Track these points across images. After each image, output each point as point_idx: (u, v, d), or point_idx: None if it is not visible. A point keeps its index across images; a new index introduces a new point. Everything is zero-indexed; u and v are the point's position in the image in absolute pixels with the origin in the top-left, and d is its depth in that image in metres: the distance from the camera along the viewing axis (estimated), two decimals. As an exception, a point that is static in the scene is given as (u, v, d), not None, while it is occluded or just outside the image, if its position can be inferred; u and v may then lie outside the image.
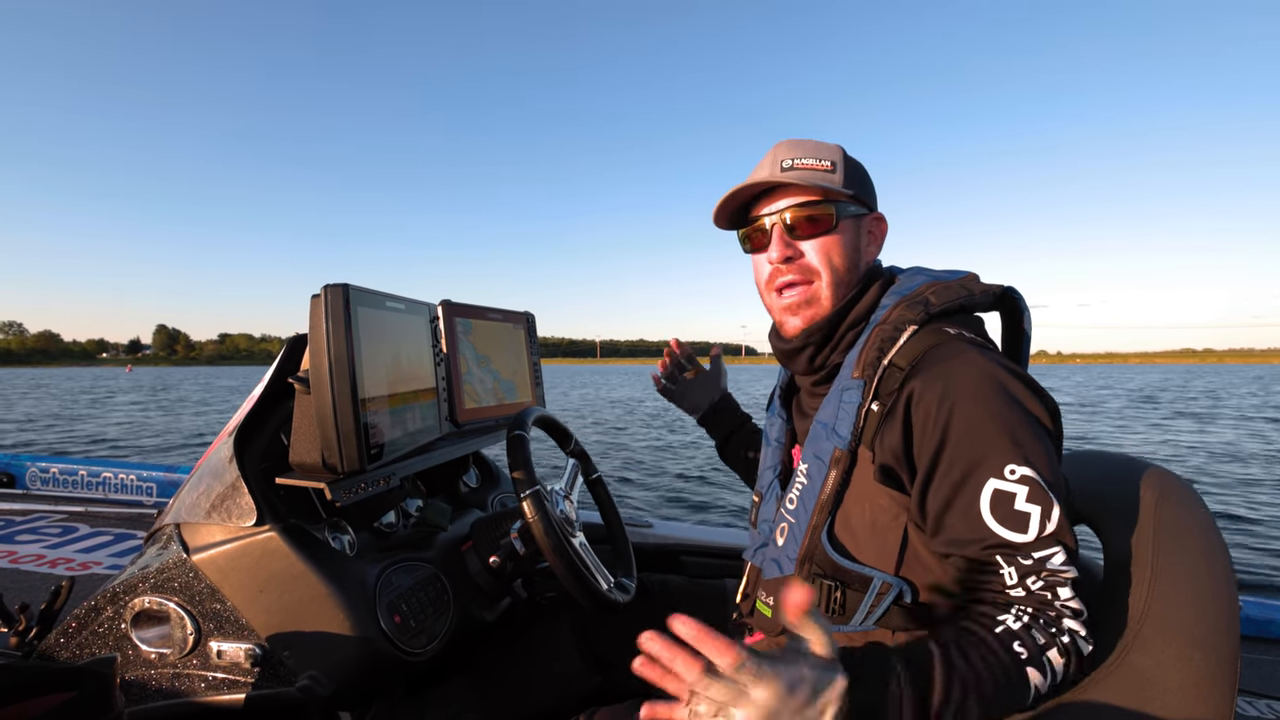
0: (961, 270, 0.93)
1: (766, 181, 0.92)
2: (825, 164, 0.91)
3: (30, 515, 2.01)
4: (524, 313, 1.66)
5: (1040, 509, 0.72)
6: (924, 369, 0.81)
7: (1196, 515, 0.80)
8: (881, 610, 0.84)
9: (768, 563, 0.95)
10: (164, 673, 1.03)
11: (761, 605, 0.96)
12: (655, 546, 1.88)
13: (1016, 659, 0.69)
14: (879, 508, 0.84)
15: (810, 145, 0.93)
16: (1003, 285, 0.93)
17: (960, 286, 0.89)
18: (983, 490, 0.74)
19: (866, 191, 0.96)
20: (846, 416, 0.86)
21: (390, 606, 1.04)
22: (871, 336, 0.87)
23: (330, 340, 0.93)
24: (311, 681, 0.96)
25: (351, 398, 0.93)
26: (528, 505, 1.06)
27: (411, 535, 1.28)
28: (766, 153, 0.95)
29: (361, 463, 0.95)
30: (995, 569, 0.75)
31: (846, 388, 0.87)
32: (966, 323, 0.88)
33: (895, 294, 0.91)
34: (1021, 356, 0.95)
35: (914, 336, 0.84)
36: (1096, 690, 0.74)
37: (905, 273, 0.97)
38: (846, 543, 0.86)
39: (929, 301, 0.87)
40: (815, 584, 0.87)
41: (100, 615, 1.05)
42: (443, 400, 1.29)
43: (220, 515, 1.02)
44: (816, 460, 0.89)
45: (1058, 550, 0.72)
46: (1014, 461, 0.73)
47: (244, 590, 1.00)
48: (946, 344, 0.82)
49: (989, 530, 0.74)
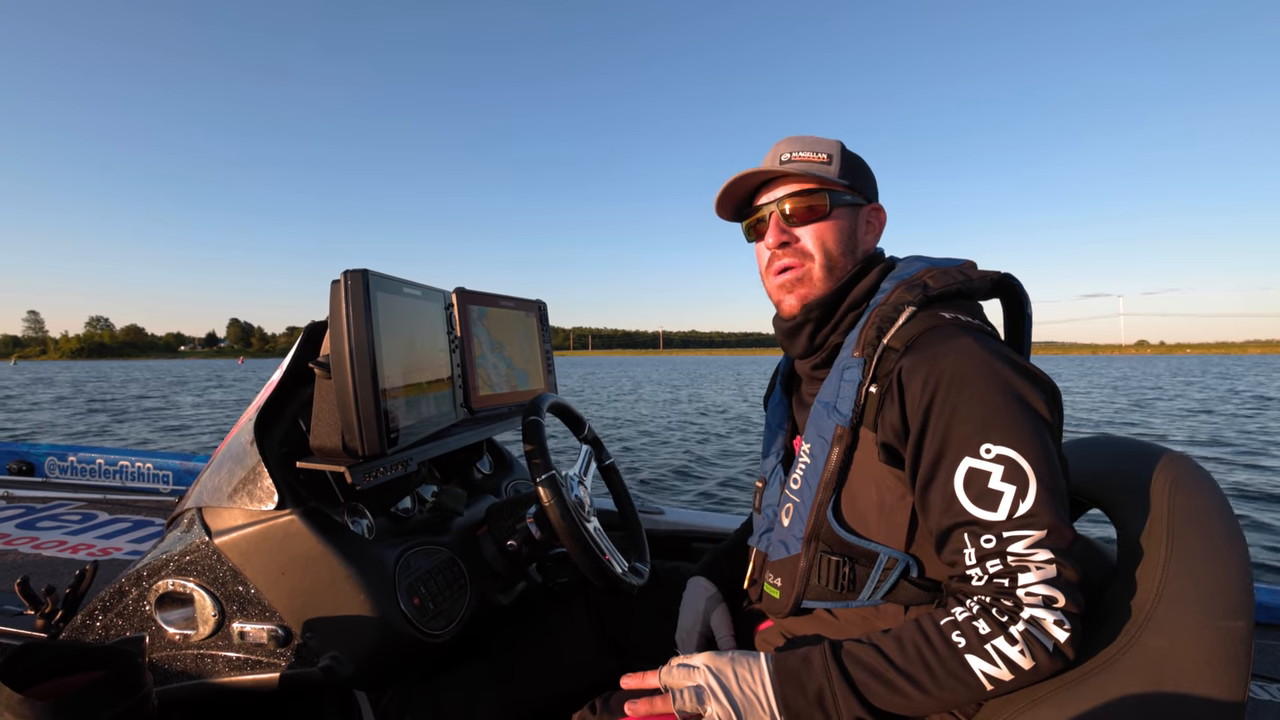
0: (960, 258, 0.96)
1: (764, 171, 0.96)
2: (821, 156, 0.97)
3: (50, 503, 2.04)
4: (536, 300, 1.67)
5: (1015, 489, 0.73)
6: (916, 351, 0.83)
7: (1212, 499, 0.80)
8: (889, 585, 0.86)
9: (774, 545, 0.97)
10: (188, 653, 1.05)
11: (769, 588, 0.97)
12: (667, 533, 1.89)
13: (953, 648, 0.73)
14: (886, 487, 0.86)
15: (810, 140, 0.99)
16: (1000, 271, 0.95)
17: (958, 272, 0.91)
18: (958, 467, 0.77)
19: (864, 182, 1.00)
20: (847, 395, 0.88)
21: (409, 589, 1.06)
22: (871, 317, 0.89)
23: (351, 325, 0.94)
24: (333, 662, 0.97)
25: (372, 382, 0.94)
26: (544, 490, 1.07)
27: (428, 520, 1.29)
28: (770, 148, 1.00)
29: (382, 446, 0.96)
30: (960, 547, 0.77)
31: (847, 366, 0.89)
32: (964, 308, 0.90)
33: (895, 278, 0.93)
34: (1024, 341, 0.97)
35: (911, 319, 0.86)
36: (1109, 671, 0.74)
37: (905, 260, 0.99)
38: (854, 521, 0.88)
39: (927, 285, 0.89)
40: (824, 561, 0.89)
41: (125, 597, 1.07)
42: (458, 387, 1.30)
43: (242, 499, 1.04)
44: (819, 439, 0.90)
45: (1030, 534, 0.72)
46: (990, 440, 0.75)
47: (266, 573, 1.02)
48: (940, 327, 0.84)
49: (961, 506, 0.76)
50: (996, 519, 0.74)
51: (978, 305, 0.94)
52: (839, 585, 0.88)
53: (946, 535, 0.78)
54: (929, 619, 0.77)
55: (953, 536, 0.78)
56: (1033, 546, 0.72)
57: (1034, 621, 0.71)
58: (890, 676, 0.75)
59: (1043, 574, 0.72)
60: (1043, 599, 0.71)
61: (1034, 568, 0.72)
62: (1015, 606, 0.72)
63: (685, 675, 0.83)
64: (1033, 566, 0.72)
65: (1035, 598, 0.72)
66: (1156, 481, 0.83)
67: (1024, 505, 0.73)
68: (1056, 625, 0.71)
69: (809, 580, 0.90)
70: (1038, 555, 0.72)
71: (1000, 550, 0.73)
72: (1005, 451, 0.74)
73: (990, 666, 0.71)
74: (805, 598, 0.91)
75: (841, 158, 0.97)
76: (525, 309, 1.61)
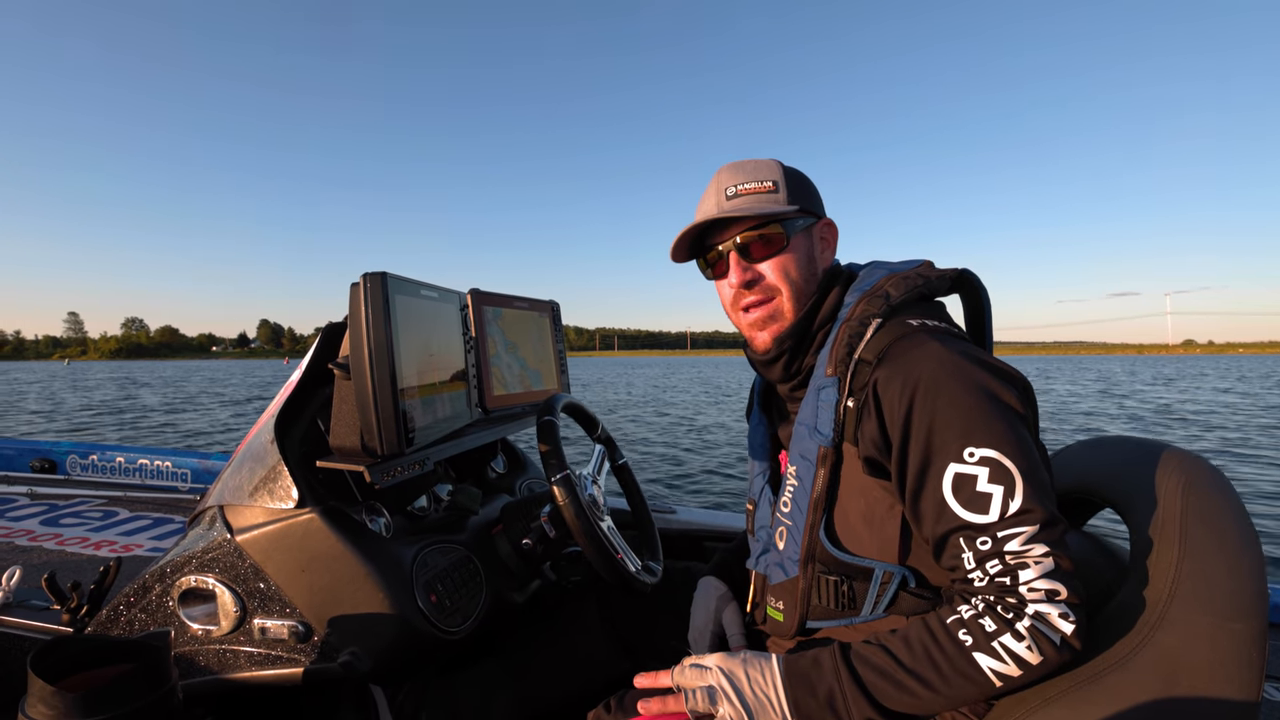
0: (916, 259, 0.96)
1: (714, 217, 0.94)
2: (767, 184, 0.94)
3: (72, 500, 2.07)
4: (549, 301, 1.68)
5: (1003, 489, 0.74)
6: (888, 362, 0.83)
7: (1226, 500, 0.80)
8: (888, 599, 0.87)
9: (772, 568, 0.97)
10: (210, 648, 1.07)
11: (772, 611, 0.98)
12: (679, 532, 1.90)
13: (960, 646, 0.73)
14: (873, 499, 0.87)
15: (749, 167, 0.96)
16: (958, 268, 0.96)
17: (917, 275, 0.92)
18: (944, 475, 0.77)
19: (811, 201, 0.98)
20: (826, 414, 0.88)
21: (426, 586, 1.07)
22: (840, 334, 0.90)
23: (370, 326, 0.95)
24: (352, 658, 0.99)
25: (391, 382, 0.96)
26: (559, 489, 1.08)
27: (444, 519, 1.31)
28: (710, 181, 0.98)
29: (400, 446, 0.97)
30: (958, 553, 0.77)
31: (822, 386, 0.90)
32: (927, 311, 0.90)
33: (857, 290, 0.94)
34: (985, 333, 0.98)
35: (879, 330, 0.87)
36: (1122, 670, 0.74)
37: (864, 268, 0.99)
38: (846, 537, 0.89)
39: (889, 294, 0.89)
40: (822, 581, 0.90)
41: (149, 593, 1.10)
42: (473, 387, 1.31)
43: (262, 497, 1.06)
44: (803, 460, 0.91)
45: (1023, 530, 0.73)
46: (972, 444, 0.76)
47: (286, 570, 1.03)
48: (908, 336, 0.85)
49: (953, 513, 0.77)
50: (989, 521, 0.74)
51: (940, 305, 0.95)
52: (839, 604, 0.89)
53: (943, 542, 0.79)
54: (936, 618, 0.77)
55: (949, 543, 0.78)
56: (1028, 542, 0.73)
57: (1039, 617, 0.72)
58: (899, 677, 0.75)
59: (1042, 568, 0.72)
60: (1045, 593, 0.72)
61: (1033, 563, 0.73)
62: (1020, 603, 0.73)
63: (698, 676, 0.84)
64: (1031, 561, 0.73)
65: (1038, 593, 0.72)
66: (1170, 481, 0.83)
67: (1014, 503, 0.74)
68: (1062, 618, 0.71)
69: (810, 601, 0.91)
70: (1034, 550, 0.73)
71: (998, 550, 0.74)
72: (988, 453, 0.75)
73: (998, 663, 0.72)
74: (809, 618, 0.92)
75: (786, 181, 0.95)
76: (538, 309, 1.62)
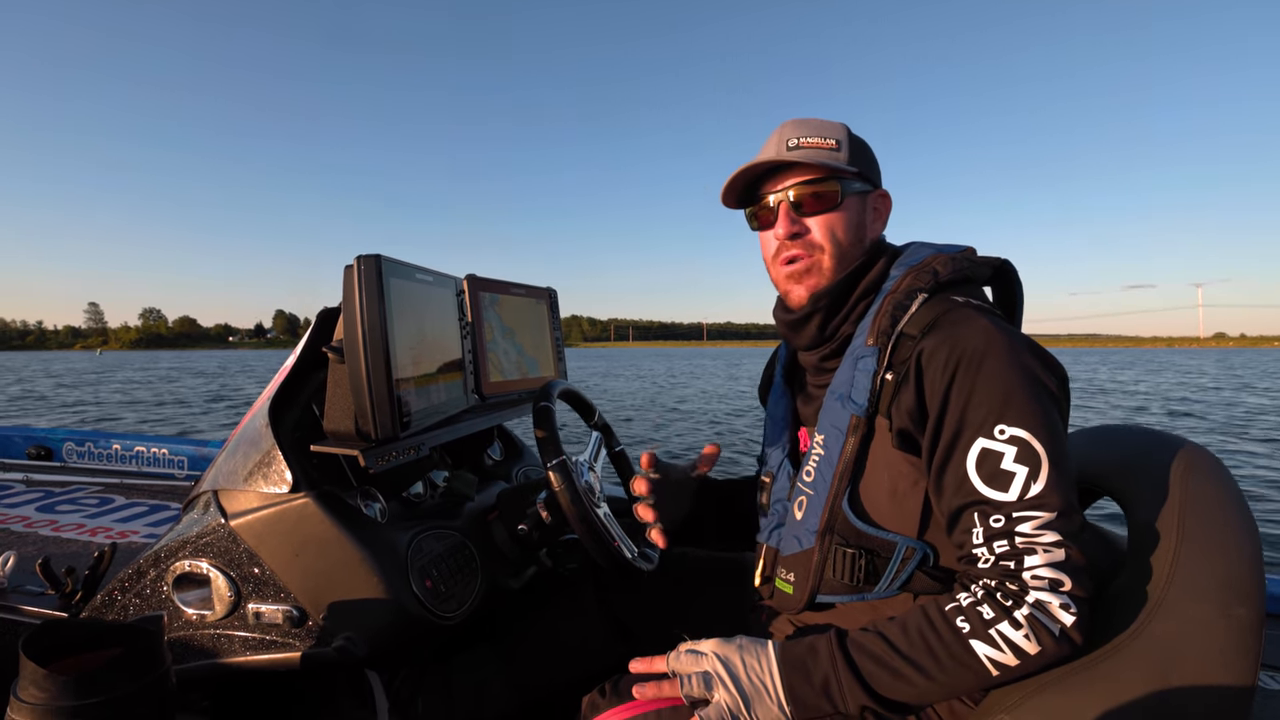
0: (960, 244, 0.96)
1: (773, 160, 0.93)
2: (830, 142, 0.93)
3: (68, 487, 2.07)
4: (546, 288, 1.67)
5: (1027, 470, 0.73)
6: (935, 333, 0.83)
7: (1226, 489, 0.79)
8: (906, 575, 0.86)
9: (786, 539, 0.96)
10: (204, 633, 1.06)
11: (781, 583, 0.96)
12: None
13: (958, 633, 0.73)
14: (899, 474, 0.86)
15: (815, 124, 0.95)
16: (1000, 258, 0.96)
17: (963, 258, 0.91)
18: (971, 448, 0.77)
19: (871, 169, 0.98)
20: (862, 383, 0.87)
21: (421, 572, 1.07)
22: (884, 305, 0.89)
23: (364, 309, 0.94)
24: (347, 642, 0.99)
25: (385, 366, 0.95)
26: (554, 475, 1.08)
27: (439, 505, 1.30)
28: (773, 132, 0.97)
29: (394, 430, 0.97)
30: (969, 527, 0.77)
31: (861, 355, 0.89)
32: (971, 292, 0.90)
33: (903, 265, 0.93)
34: (1015, 324, 0.97)
35: (924, 305, 0.86)
36: (1118, 657, 0.74)
37: (909, 247, 0.98)
38: (871, 511, 0.88)
39: (937, 271, 0.89)
40: (838, 554, 0.88)
41: (144, 578, 1.09)
42: (469, 373, 1.30)
43: (257, 482, 1.05)
44: (833, 429, 0.90)
45: (1039, 515, 0.73)
46: (1005, 422, 0.75)
47: (280, 554, 1.03)
48: (956, 310, 0.84)
49: (972, 486, 0.76)
50: (1007, 499, 0.74)
51: (982, 290, 0.94)
52: (854, 578, 0.87)
53: (957, 515, 0.79)
54: (934, 605, 0.77)
55: (963, 516, 0.78)
56: (1041, 528, 0.72)
57: (1039, 605, 0.71)
58: (896, 664, 0.75)
59: (1049, 556, 0.72)
60: (1049, 582, 0.71)
61: (1041, 550, 0.72)
62: (1020, 590, 0.72)
63: (693, 661, 0.84)
64: (1039, 548, 0.72)
65: (1041, 581, 0.71)
66: (1169, 470, 0.83)
67: (1035, 487, 0.73)
68: (1062, 609, 0.71)
69: (823, 574, 0.89)
70: (1045, 537, 0.72)
71: (1009, 530, 0.74)
72: (1018, 433, 0.75)
73: (995, 652, 0.71)
74: (820, 592, 0.90)
75: (849, 143, 0.94)
76: (536, 296, 1.61)
